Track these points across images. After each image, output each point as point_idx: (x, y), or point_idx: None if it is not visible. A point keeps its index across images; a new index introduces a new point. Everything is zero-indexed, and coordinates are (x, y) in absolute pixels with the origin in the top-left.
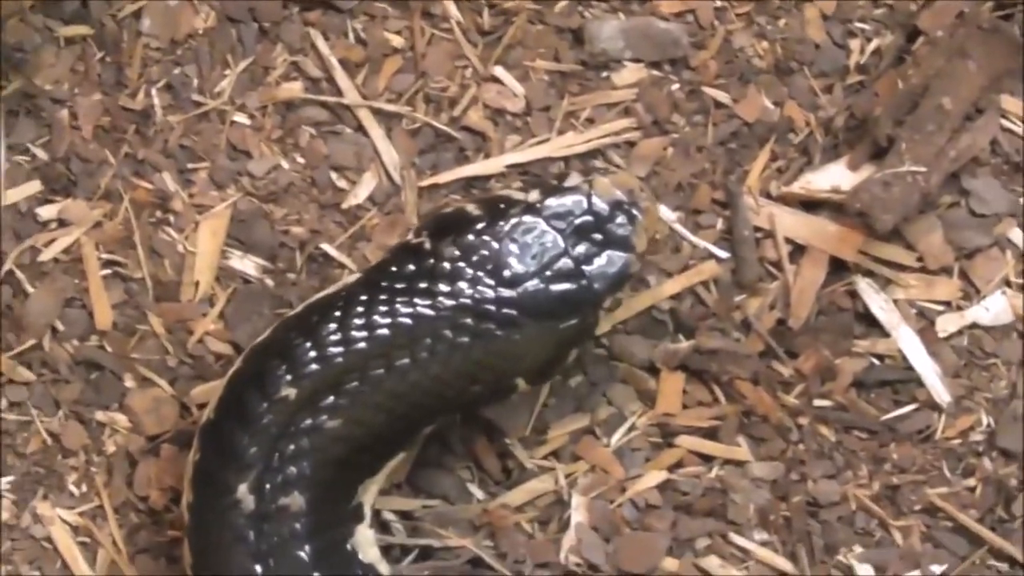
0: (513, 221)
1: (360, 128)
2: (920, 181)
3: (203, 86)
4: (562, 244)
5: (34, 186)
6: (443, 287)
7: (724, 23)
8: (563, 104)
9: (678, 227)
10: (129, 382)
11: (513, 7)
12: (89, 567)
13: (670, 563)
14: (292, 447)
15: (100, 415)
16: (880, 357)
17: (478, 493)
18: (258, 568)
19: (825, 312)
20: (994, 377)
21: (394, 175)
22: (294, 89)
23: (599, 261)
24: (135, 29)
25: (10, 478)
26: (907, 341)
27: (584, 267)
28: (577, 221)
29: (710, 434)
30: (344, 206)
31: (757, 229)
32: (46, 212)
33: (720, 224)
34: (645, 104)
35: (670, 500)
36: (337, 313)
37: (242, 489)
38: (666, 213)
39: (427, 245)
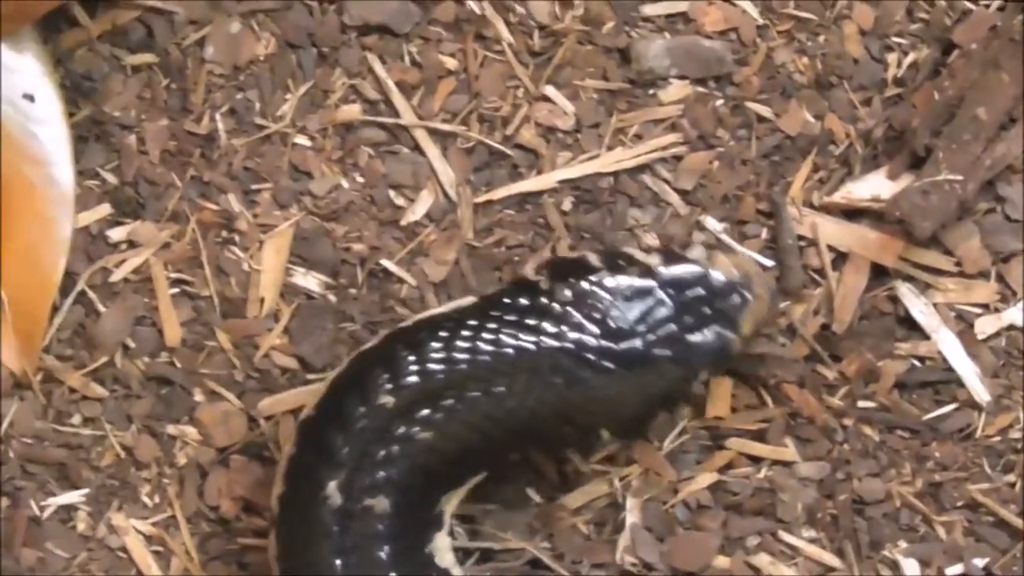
0: (630, 279)
1: (416, 148)
2: (957, 189)
3: (265, 110)
4: (671, 311)
5: (104, 209)
6: (550, 327)
7: (766, 40)
8: (612, 121)
9: (725, 237)
10: (198, 396)
11: (562, 28)
12: (163, 574)
13: (722, 561)
14: (384, 452)
15: (171, 428)
16: (921, 359)
17: (536, 497)
18: (339, 562)
19: (867, 316)
20: None
21: (450, 192)
22: (353, 111)
23: (703, 335)
24: (199, 56)
25: (86, 490)
26: (947, 343)
27: (687, 336)
28: (690, 292)
29: (758, 436)
30: (402, 223)
31: (800, 238)
32: (116, 234)
33: (765, 234)
34: (691, 119)
35: (721, 500)
36: (444, 333)
37: (332, 486)
38: (712, 224)
39: (544, 284)
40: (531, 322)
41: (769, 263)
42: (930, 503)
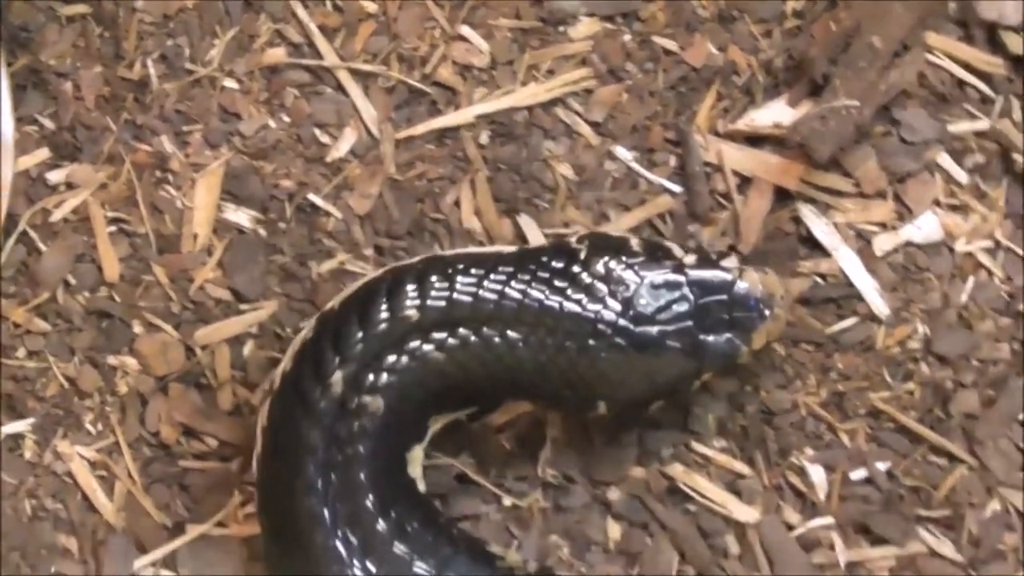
0: (663, 271)
1: (340, 88)
2: (854, 114)
3: (194, 55)
4: (692, 309)
5: (43, 153)
6: (576, 294)
7: None
8: (525, 58)
9: (635, 165)
10: (137, 328)
11: None
12: (107, 498)
13: (638, 472)
14: (394, 359)
15: (112, 359)
16: (823, 276)
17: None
18: (322, 445)
19: (772, 237)
20: (928, 290)
21: (372, 129)
22: (278, 55)
23: (716, 338)
24: (130, 6)
25: (31, 420)
26: (847, 260)
27: (701, 336)
28: (714, 296)
29: None
30: (328, 159)
31: (707, 164)
32: (55, 176)
33: (673, 161)
34: (600, 55)
35: (636, 416)
36: (479, 270)
37: (338, 376)
38: (623, 153)
39: (582, 254)
40: (560, 285)
41: (678, 189)
42: (834, 412)
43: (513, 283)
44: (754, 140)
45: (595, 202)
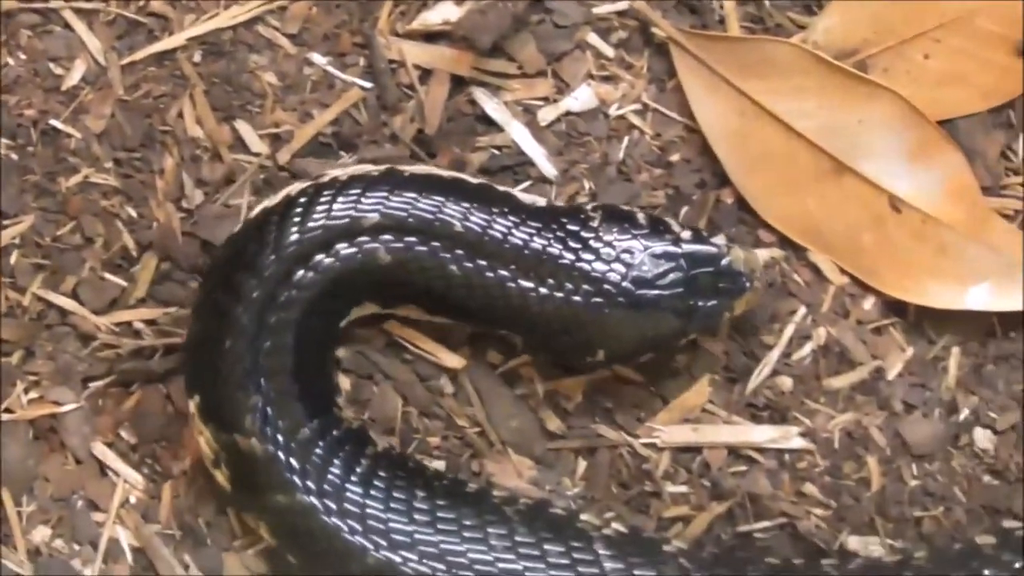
0: (663, 243)
1: (67, 25)
2: (510, 6)
3: None
4: (685, 278)
5: None
6: (585, 255)
7: None
8: None
9: (330, 68)
10: None
11: None
12: None
13: (360, 331)
14: (358, 243)
15: None
16: (499, 148)
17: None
18: (250, 329)
19: (452, 119)
20: (589, 151)
21: (99, 59)
22: (10, 3)
23: (704, 304)
24: None
25: None
26: (518, 133)
27: (691, 301)
28: (704, 268)
29: None
30: (63, 88)
31: (391, 62)
32: None
33: (362, 62)
34: None
35: None
36: (495, 209)
37: (296, 236)
38: (318, 59)
39: (594, 222)
40: (573, 244)
41: (369, 84)
42: None
43: (526, 229)
44: (430, 37)
45: (299, 103)
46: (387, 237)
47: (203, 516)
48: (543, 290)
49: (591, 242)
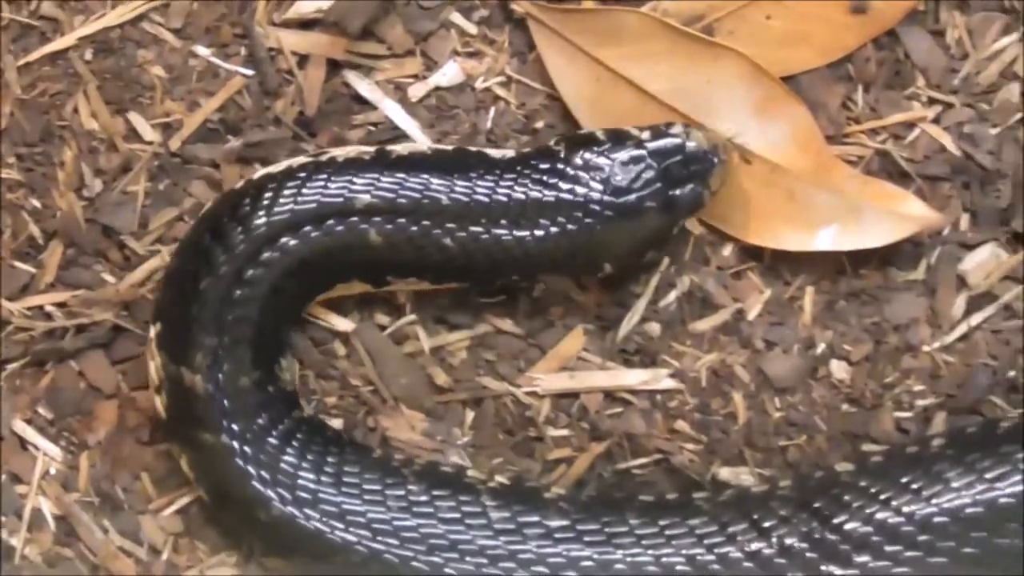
0: (627, 150)
1: None
2: None
3: None
4: (658, 173)
5: None
6: (563, 186)
7: None
8: None
9: (213, 59)
10: None
11: None
12: None
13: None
14: (349, 223)
15: None
16: (375, 124)
17: (111, 279)
18: (228, 277)
19: (330, 100)
20: (459, 123)
21: None
22: None
23: (682, 191)
24: None
25: None
26: (391, 110)
27: (670, 192)
28: (672, 159)
29: None
30: None
31: (270, 50)
32: None
33: (243, 51)
34: None
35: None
36: (474, 173)
37: (289, 205)
38: (201, 50)
39: (562, 153)
40: (550, 180)
41: (251, 72)
42: None
43: (505, 181)
44: (304, 24)
45: (186, 93)
46: (378, 219)
47: (119, 483)
48: (538, 232)
49: (565, 172)
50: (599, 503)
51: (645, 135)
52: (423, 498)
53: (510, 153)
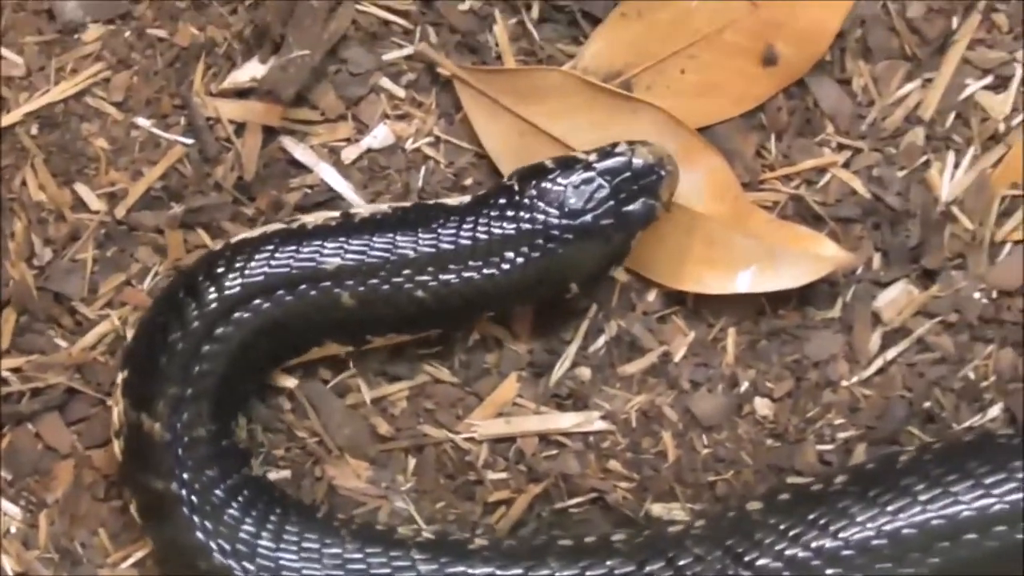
0: (577, 173)
1: None
2: (308, 61)
3: None
4: (609, 192)
5: None
6: (523, 216)
7: None
8: (53, 63)
9: (154, 130)
10: None
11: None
12: None
13: None
14: (321, 287)
15: None
16: (311, 187)
17: (63, 344)
18: (198, 332)
19: (268, 165)
20: (391, 183)
21: None
22: None
23: (635, 205)
24: None
25: None
26: (326, 172)
27: (623, 208)
28: (621, 176)
29: None
30: None
31: (209, 119)
32: None
33: (183, 121)
34: (110, 50)
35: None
36: (435, 224)
37: (264, 268)
38: (143, 122)
39: (516, 187)
40: (510, 214)
41: (190, 141)
42: None
43: (476, 225)
44: (240, 93)
45: (130, 163)
46: (350, 281)
47: (77, 539)
48: (504, 266)
49: (522, 204)
50: (521, 550)
51: (592, 157)
52: (357, 556)
53: (466, 199)
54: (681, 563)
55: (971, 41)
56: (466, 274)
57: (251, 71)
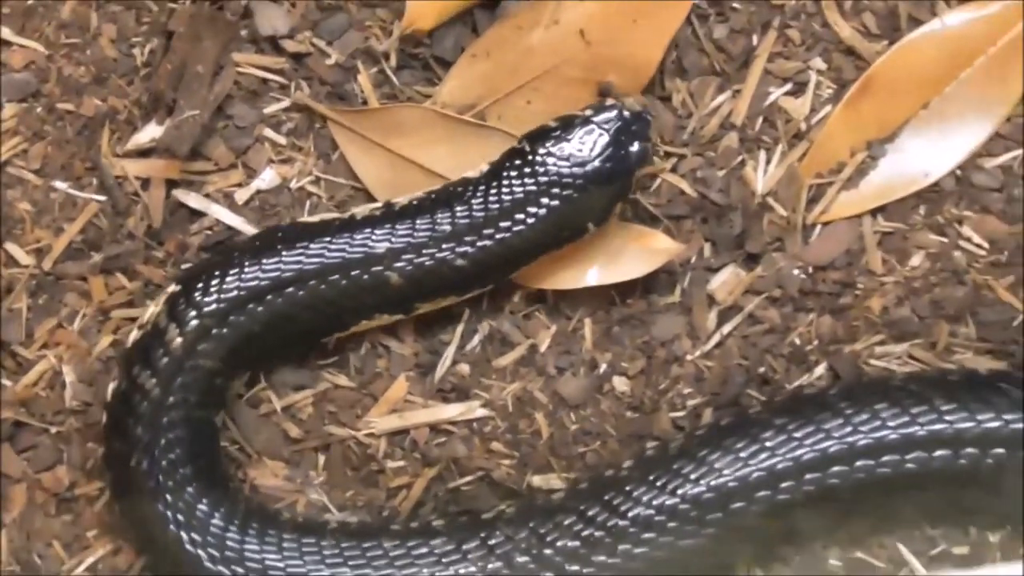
0: (579, 128)
1: None
2: (198, 120)
3: None
4: (609, 139)
5: None
6: (540, 173)
7: (54, 62)
8: None
9: (71, 191)
10: None
11: None
12: None
13: None
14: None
15: None
16: (211, 228)
17: (8, 383)
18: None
19: (173, 212)
20: (281, 218)
21: None
22: None
23: (632, 148)
24: None
25: None
26: (222, 214)
27: (623, 152)
28: (616, 125)
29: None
30: None
31: (117, 177)
32: None
33: (95, 181)
34: (25, 125)
35: None
36: (473, 191)
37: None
38: (60, 185)
39: (527, 148)
40: (527, 171)
41: (103, 198)
42: None
43: (501, 186)
44: (143, 152)
45: (51, 221)
46: (398, 264)
47: (35, 551)
48: (530, 220)
49: (536, 162)
50: (365, 531)
51: (588, 112)
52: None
53: (484, 167)
54: (492, 542)
55: (770, 55)
56: (499, 236)
57: (150, 133)
